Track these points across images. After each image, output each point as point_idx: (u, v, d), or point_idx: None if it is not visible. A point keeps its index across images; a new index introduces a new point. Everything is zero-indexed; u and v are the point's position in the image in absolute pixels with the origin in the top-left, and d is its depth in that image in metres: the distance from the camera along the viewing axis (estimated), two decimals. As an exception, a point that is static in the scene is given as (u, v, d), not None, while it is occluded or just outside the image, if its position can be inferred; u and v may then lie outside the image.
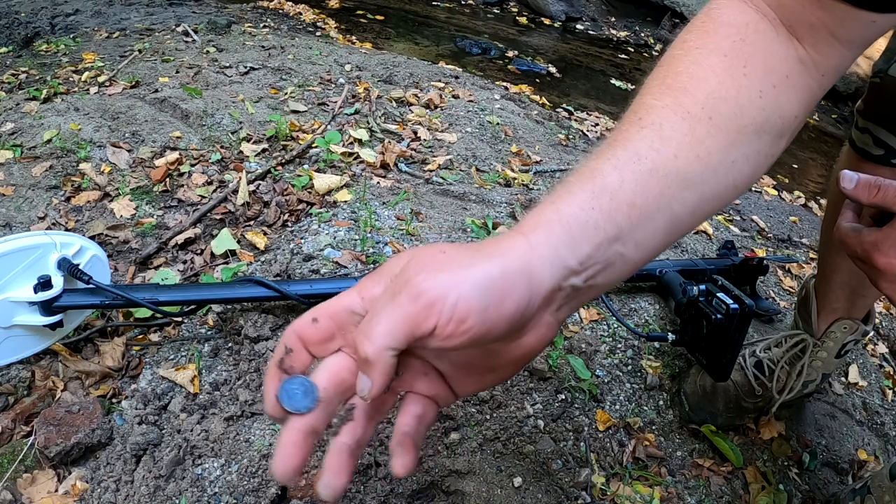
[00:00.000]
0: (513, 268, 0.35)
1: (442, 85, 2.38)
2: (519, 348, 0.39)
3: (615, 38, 5.01)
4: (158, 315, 1.01)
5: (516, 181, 1.74)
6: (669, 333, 1.02)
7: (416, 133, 1.90)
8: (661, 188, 0.40)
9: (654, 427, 1.02)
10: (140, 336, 1.03)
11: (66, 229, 1.26)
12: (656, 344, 1.13)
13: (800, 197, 2.44)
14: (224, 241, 1.24)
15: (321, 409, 0.38)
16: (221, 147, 1.63)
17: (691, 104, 0.42)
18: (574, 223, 0.37)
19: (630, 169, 0.39)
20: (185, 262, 1.23)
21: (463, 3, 5.17)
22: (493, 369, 0.41)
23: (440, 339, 0.33)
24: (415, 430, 0.40)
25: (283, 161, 1.58)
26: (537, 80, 3.49)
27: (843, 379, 1.22)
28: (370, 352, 0.33)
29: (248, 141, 1.68)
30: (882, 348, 1.40)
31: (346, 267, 1.13)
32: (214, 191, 1.45)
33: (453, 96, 2.30)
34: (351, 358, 0.40)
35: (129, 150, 1.54)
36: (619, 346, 1.12)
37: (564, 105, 2.93)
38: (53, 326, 0.89)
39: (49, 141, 1.52)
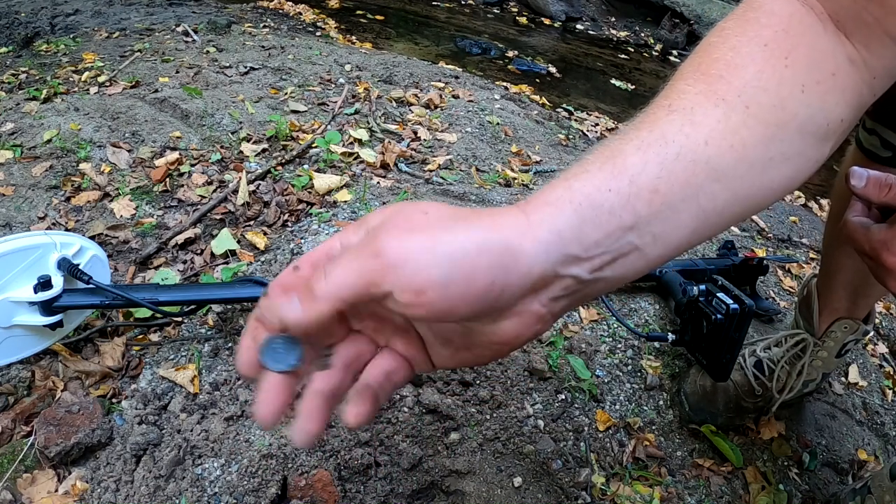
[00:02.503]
0: (495, 245, 0.32)
1: (442, 85, 2.38)
2: (497, 333, 0.36)
3: (615, 38, 5.01)
4: (158, 315, 1.01)
5: (516, 181, 1.74)
6: (669, 333, 1.03)
7: (416, 133, 1.90)
8: (688, 176, 0.37)
9: (654, 427, 1.02)
10: (140, 336, 1.03)
11: (66, 229, 1.26)
12: (656, 344, 1.13)
13: (800, 197, 2.43)
14: (224, 241, 1.24)
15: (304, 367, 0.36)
16: (221, 147, 1.63)
17: (726, 91, 0.39)
18: (587, 205, 0.34)
19: (655, 151, 0.36)
20: (185, 262, 1.23)
21: (463, 3, 5.17)
22: (469, 348, 0.38)
23: (401, 306, 0.32)
24: (379, 385, 0.38)
25: (283, 161, 1.58)
26: (537, 80, 3.49)
27: (843, 379, 1.22)
28: (319, 289, 0.32)
29: (248, 141, 1.68)
30: (882, 348, 1.40)
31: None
32: (214, 191, 1.45)
33: (453, 96, 2.30)
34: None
35: (129, 150, 1.54)
36: (619, 346, 1.12)
37: (564, 105, 2.93)
38: (53, 326, 0.89)
39: (49, 141, 1.52)
